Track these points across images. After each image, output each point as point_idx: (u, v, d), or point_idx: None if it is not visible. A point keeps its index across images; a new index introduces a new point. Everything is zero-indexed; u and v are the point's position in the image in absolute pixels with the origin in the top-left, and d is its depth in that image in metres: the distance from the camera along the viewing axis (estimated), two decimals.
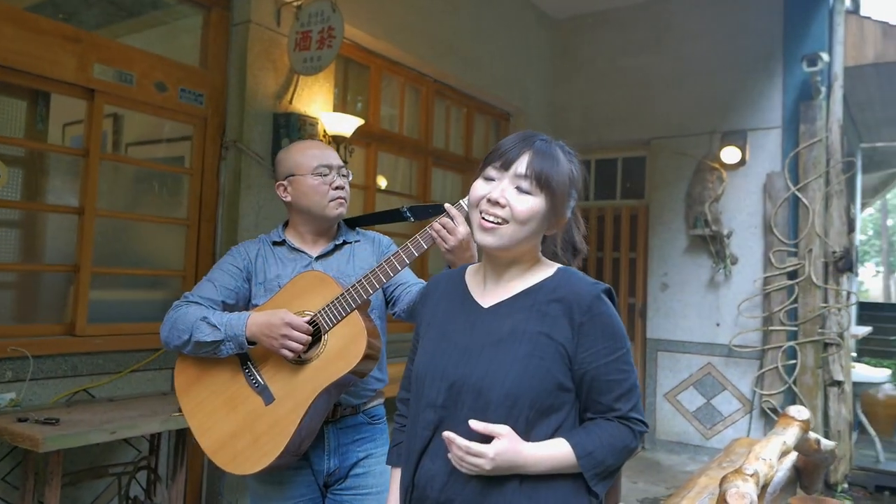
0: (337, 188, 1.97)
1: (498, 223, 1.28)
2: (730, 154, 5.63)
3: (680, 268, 5.98)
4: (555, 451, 1.25)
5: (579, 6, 6.43)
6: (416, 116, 5.25)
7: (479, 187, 1.32)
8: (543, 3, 6.34)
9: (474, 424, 1.21)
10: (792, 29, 5.48)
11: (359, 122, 3.99)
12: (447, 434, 1.22)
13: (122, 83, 3.33)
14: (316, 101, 3.98)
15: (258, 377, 1.82)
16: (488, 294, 1.37)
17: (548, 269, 1.36)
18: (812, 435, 3.17)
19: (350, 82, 4.63)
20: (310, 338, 1.75)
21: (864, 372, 5.99)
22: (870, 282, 27.99)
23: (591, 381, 1.28)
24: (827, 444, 3.37)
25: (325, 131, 3.95)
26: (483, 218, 1.29)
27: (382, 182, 4.93)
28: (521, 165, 1.29)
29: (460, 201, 1.68)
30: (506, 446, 1.21)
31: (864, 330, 7.54)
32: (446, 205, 1.72)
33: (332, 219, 2.00)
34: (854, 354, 6.13)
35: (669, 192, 6.04)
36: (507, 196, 1.28)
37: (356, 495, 1.93)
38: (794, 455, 3.09)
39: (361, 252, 2.05)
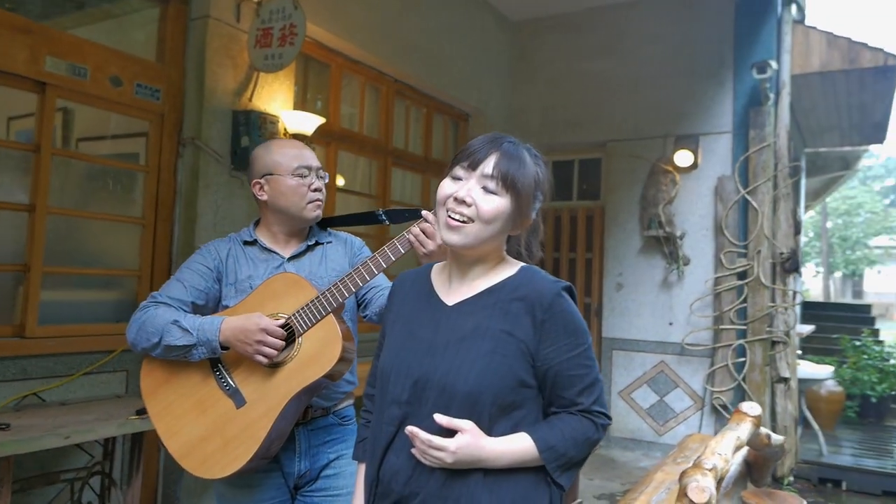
0: (315, 190, 1.95)
1: (464, 221, 1.30)
2: (683, 157, 5.77)
3: (634, 268, 6.10)
4: (516, 446, 1.28)
5: (537, 9, 6.50)
6: (375, 116, 5.24)
7: (447, 186, 1.34)
8: (502, 6, 6.40)
9: (438, 418, 1.24)
10: (742, 37, 5.66)
11: (320, 120, 3.96)
12: (410, 428, 1.25)
13: (76, 77, 3.23)
14: (276, 98, 3.93)
15: (229, 380, 1.79)
16: (453, 292, 1.40)
17: (511, 268, 1.39)
18: (763, 430, 3.26)
19: (310, 80, 4.58)
20: (283, 343, 1.73)
21: (808, 369, 6.20)
22: (810, 282, 29.05)
23: (553, 376, 1.31)
24: (777, 438, 3.48)
25: (285, 130, 3.91)
26: (449, 216, 1.31)
27: (340, 181, 4.90)
28: (489, 166, 1.31)
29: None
30: (467, 441, 1.24)
31: (808, 328, 7.82)
32: (424, 211, 1.73)
33: (309, 221, 1.97)
34: (799, 352, 6.34)
35: (624, 194, 6.16)
36: (473, 195, 1.30)
37: (326, 496, 1.91)
38: (744, 450, 3.18)
39: (333, 253, 2.03)
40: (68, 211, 3.37)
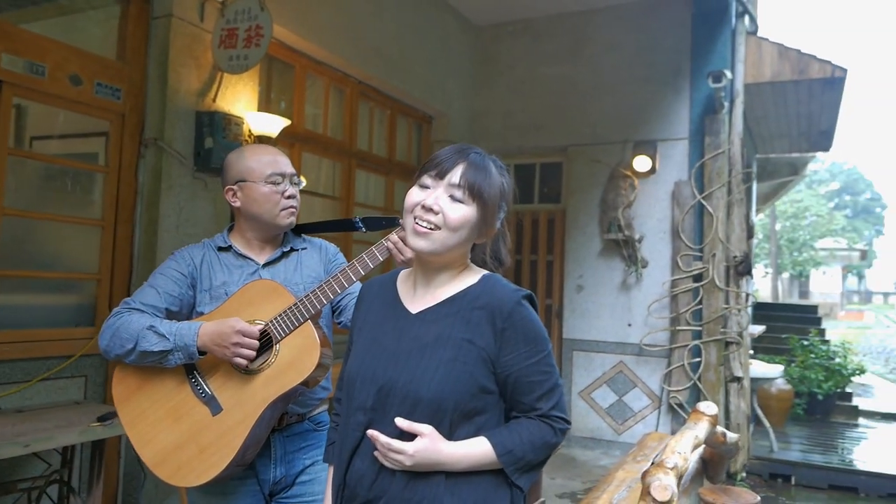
0: (289, 197, 1.94)
1: (431, 229, 1.34)
2: (641, 163, 5.90)
3: (594, 270, 6.22)
4: (475, 450, 1.32)
5: (500, 14, 6.57)
6: (340, 117, 5.23)
7: (415, 194, 1.38)
8: (466, 10, 6.44)
9: (399, 422, 1.29)
10: (698, 47, 5.82)
11: (285, 122, 3.94)
12: (371, 432, 1.30)
13: (33, 75, 3.14)
14: (240, 99, 3.89)
15: (205, 387, 1.77)
16: (417, 300, 1.43)
17: (474, 276, 1.43)
18: (719, 429, 3.38)
19: (274, 81, 4.55)
20: (258, 343, 1.72)
21: (759, 368, 6.41)
22: (760, 282, 29.88)
23: (514, 382, 1.35)
24: (732, 436, 3.61)
25: (250, 131, 3.88)
26: (417, 223, 1.35)
27: (302, 182, 4.89)
28: (456, 175, 1.35)
29: None
30: (426, 445, 1.28)
31: (759, 329, 8.08)
32: (401, 220, 1.74)
33: (283, 228, 1.97)
34: (751, 352, 6.55)
35: (585, 198, 6.27)
36: (440, 203, 1.34)
37: (302, 502, 1.91)
38: (701, 448, 3.29)
39: (308, 260, 2.03)
40: (25, 213, 3.28)
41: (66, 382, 3.27)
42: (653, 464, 2.43)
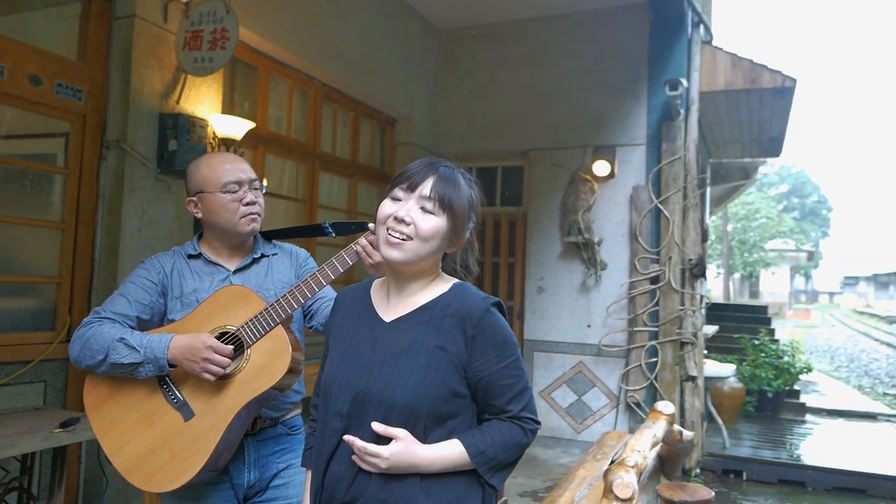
0: (248, 204, 1.94)
1: (403, 239, 1.39)
2: (600, 167, 6.03)
3: (555, 272, 6.33)
4: (448, 452, 1.37)
5: (462, 19, 6.64)
6: (303, 119, 5.23)
7: (387, 206, 1.43)
8: (429, 14, 6.49)
9: (375, 426, 1.34)
10: (656, 56, 5.98)
11: (250, 125, 3.93)
12: (347, 437, 1.35)
13: None
14: (204, 102, 3.87)
15: (177, 393, 1.78)
16: (391, 308, 1.48)
17: (444, 285, 1.48)
18: (676, 427, 3.51)
19: (237, 83, 4.53)
20: (230, 361, 1.73)
21: (713, 367, 6.61)
22: (712, 283, 30.59)
23: (485, 386, 1.41)
24: (688, 434, 3.74)
25: (214, 134, 3.85)
26: (389, 234, 1.40)
27: (265, 184, 4.87)
28: (426, 188, 1.41)
29: None
30: (400, 448, 1.33)
31: (713, 329, 8.32)
32: (371, 224, 1.76)
33: (245, 235, 1.97)
34: (705, 352, 6.75)
35: (546, 201, 6.38)
36: (412, 215, 1.39)
37: None
38: (658, 446, 3.41)
39: (279, 265, 2.04)
40: None
41: (24, 388, 3.20)
42: (613, 462, 2.52)
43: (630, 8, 6.08)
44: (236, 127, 3.87)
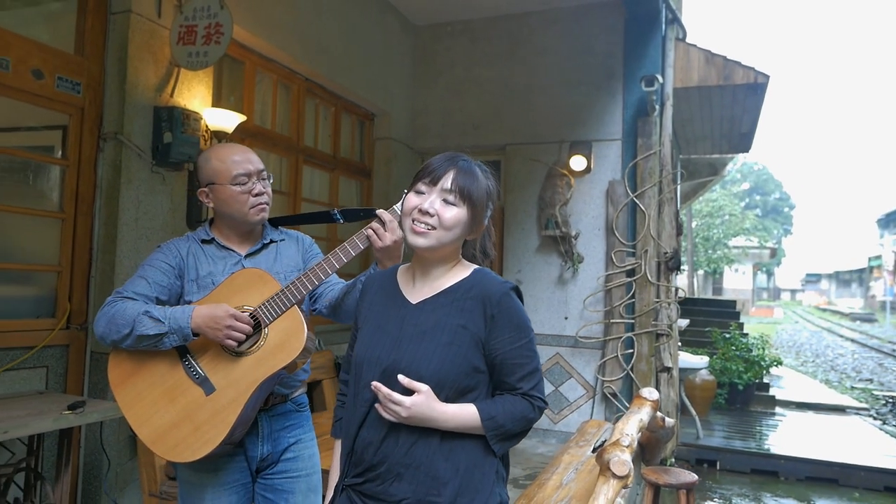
0: (257, 195, 2.02)
1: (428, 229, 1.51)
2: (577, 162, 6.12)
3: (533, 265, 6.41)
4: (463, 412, 1.49)
5: (438, 15, 6.68)
6: (287, 114, 5.24)
7: (412, 199, 1.55)
8: (405, 9, 6.52)
9: (402, 378, 1.46)
10: (631, 52, 6.09)
11: (241, 118, 3.96)
12: (375, 383, 1.47)
13: None
14: (196, 95, 3.92)
15: (198, 369, 1.86)
16: (416, 291, 1.61)
17: (466, 270, 1.61)
18: (659, 413, 3.60)
19: (224, 77, 4.54)
20: (251, 328, 1.82)
21: (687, 359, 6.76)
22: (678, 279, 31.06)
23: (500, 363, 1.53)
24: (669, 421, 3.83)
25: (206, 126, 3.88)
26: (415, 224, 1.53)
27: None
28: (448, 181, 1.52)
29: (394, 206, 1.86)
30: (422, 400, 1.44)
31: (685, 322, 8.49)
32: (378, 210, 1.89)
33: (255, 224, 2.07)
34: (679, 344, 6.88)
35: (523, 196, 6.45)
36: (435, 207, 1.51)
37: (287, 478, 2.04)
38: (638, 433, 3.49)
39: (287, 250, 2.14)
40: None
41: (28, 373, 3.28)
42: (603, 444, 2.59)
43: (604, 5, 6.18)
44: (227, 120, 3.90)
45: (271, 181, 2.11)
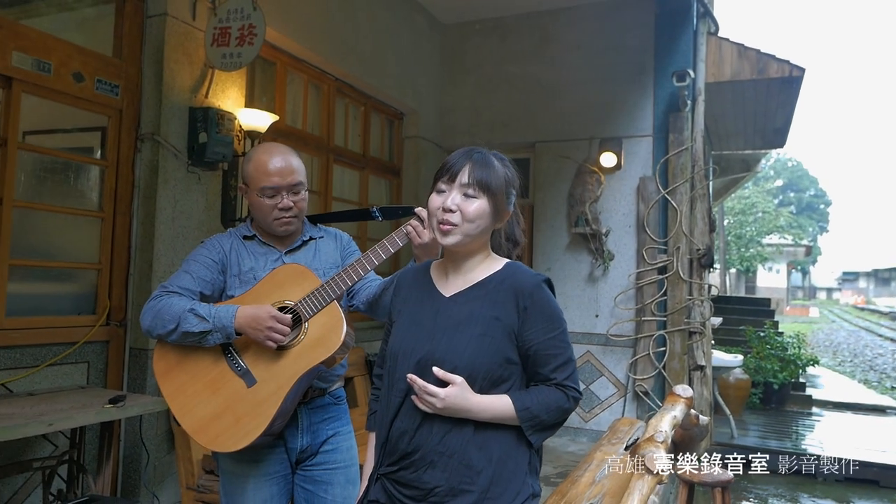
0: (283, 209, 2.02)
1: (453, 226, 1.54)
2: (607, 159, 6.08)
3: (562, 263, 6.39)
4: (497, 403, 1.50)
5: (467, 13, 6.69)
6: (317, 114, 5.30)
7: (435, 199, 1.58)
8: (434, 8, 6.55)
9: (437, 370, 1.48)
10: (662, 47, 6.03)
11: (273, 118, 4.03)
12: (411, 375, 1.49)
13: (40, 72, 3.23)
14: (230, 96, 4.00)
15: (240, 362, 1.91)
16: (449, 285, 1.63)
17: (498, 263, 1.63)
18: (693, 411, 3.56)
19: (256, 78, 4.62)
20: (290, 330, 1.86)
21: (721, 357, 6.67)
22: (709, 278, 30.62)
23: (533, 354, 1.54)
24: (703, 419, 3.79)
25: (240, 126, 3.96)
26: (440, 224, 1.55)
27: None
28: (465, 176, 1.55)
29: None
30: (456, 392, 1.47)
31: (718, 320, 8.38)
32: (417, 208, 1.92)
33: (279, 234, 2.08)
34: (712, 342, 6.80)
35: (553, 193, 6.43)
36: (457, 203, 1.54)
37: (326, 470, 2.07)
38: (673, 430, 3.46)
39: (325, 247, 2.17)
40: (33, 204, 3.36)
41: (70, 368, 3.37)
42: (636, 442, 2.57)
43: (635, 0, 6.13)
44: (260, 120, 3.97)
45: (302, 194, 2.08)
